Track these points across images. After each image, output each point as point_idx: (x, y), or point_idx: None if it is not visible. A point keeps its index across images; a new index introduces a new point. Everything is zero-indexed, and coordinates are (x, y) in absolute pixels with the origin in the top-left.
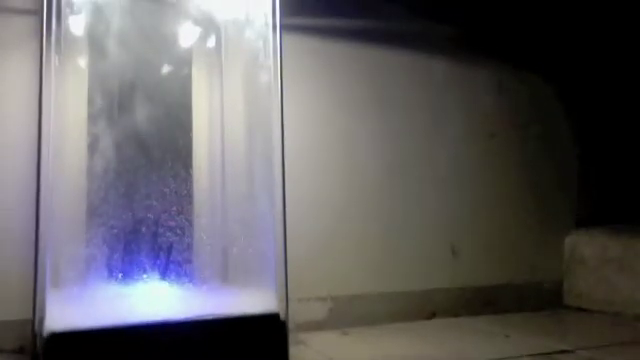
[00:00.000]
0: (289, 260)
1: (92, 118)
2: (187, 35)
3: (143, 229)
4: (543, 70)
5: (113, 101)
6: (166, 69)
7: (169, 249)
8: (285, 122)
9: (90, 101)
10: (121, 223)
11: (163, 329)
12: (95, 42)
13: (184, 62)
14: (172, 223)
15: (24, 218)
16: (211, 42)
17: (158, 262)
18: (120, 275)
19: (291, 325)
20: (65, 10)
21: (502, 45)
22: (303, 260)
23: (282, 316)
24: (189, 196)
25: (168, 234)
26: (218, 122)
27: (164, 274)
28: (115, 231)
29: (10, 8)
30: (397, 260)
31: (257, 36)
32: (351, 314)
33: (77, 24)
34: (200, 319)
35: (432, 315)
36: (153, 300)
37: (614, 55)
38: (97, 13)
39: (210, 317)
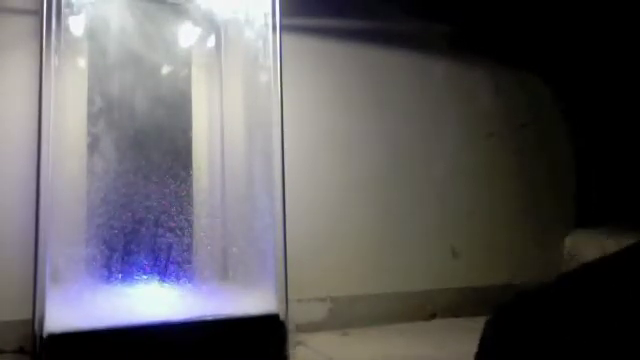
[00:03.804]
0: (288, 260)
1: (92, 118)
2: (187, 35)
3: (143, 229)
4: (540, 71)
5: (113, 101)
6: (166, 69)
7: (169, 249)
8: (284, 122)
9: (90, 101)
10: (121, 223)
11: (163, 330)
12: (95, 42)
13: (184, 62)
14: (172, 223)
15: (24, 218)
16: (211, 42)
17: (158, 262)
18: (120, 275)
19: (291, 326)
20: (65, 10)
21: (500, 47)
22: (303, 260)
23: (282, 317)
24: (189, 196)
25: (168, 234)
26: (218, 122)
27: (164, 274)
28: (115, 231)
29: (10, 8)
30: (397, 261)
31: (257, 36)
32: (351, 315)
33: (77, 24)
34: (200, 320)
35: (432, 315)
36: (153, 301)
37: (611, 56)
38: (97, 13)
39: (210, 318)
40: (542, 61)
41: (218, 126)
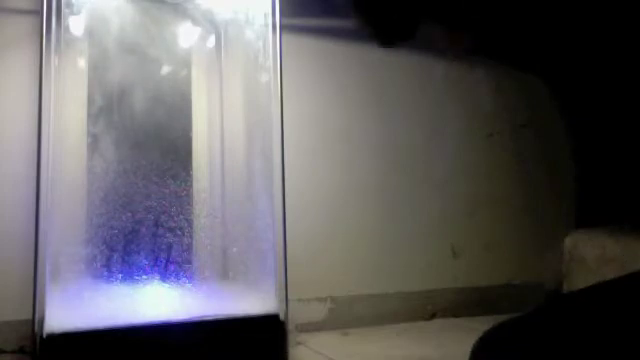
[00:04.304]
0: (289, 260)
1: (92, 118)
2: (187, 35)
3: (143, 229)
4: (540, 71)
5: (113, 101)
6: (166, 69)
7: (169, 249)
8: (284, 122)
9: (90, 101)
10: (121, 223)
11: (163, 330)
12: (95, 42)
13: (184, 62)
14: (172, 223)
15: (24, 218)
16: (211, 42)
17: (158, 262)
18: (120, 275)
19: (291, 326)
20: (65, 10)
21: (500, 46)
22: (303, 260)
23: (282, 317)
24: (189, 196)
25: (168, 234)
26: (218, 122)
27: (164, 274)
28: (115, 231)
29: (10, 8)
30: (397, 260)
31: (257, 36)
32: (351, 315)
33: (77, 24)
34: (200, 320)
35: (432, 315)
36: (153, 301)
37: (610, 55)
38: (97, 13)
39: (210, 318)
40: (542, 61)
41: (218, 126)
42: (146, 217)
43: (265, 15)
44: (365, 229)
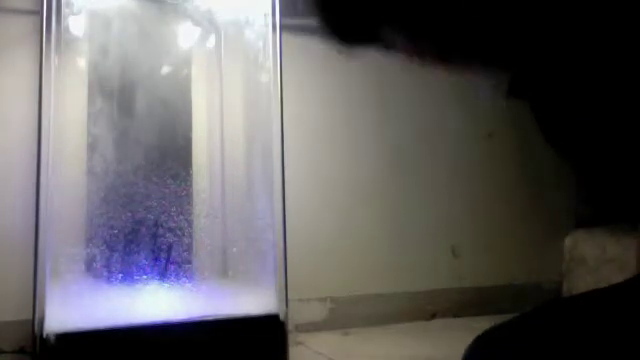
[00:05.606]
0: (289, 260)
1: (92, 118)
2: (187, 35)
3: (143, 229)
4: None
5: (113, 101)
6: (166, 69)
7: (169, 249)
8: (285, 122)
9: (90, 101)
10: (121, 223)
11: (163, 330)
12: (95, 42)
13: (184, 62)
14: (172, 223)
15: (24, 219)
16: (211, 42)
17: (158, 262)
18: (120, 275)
19: (291, 326)
20: (65, 10)
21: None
22: (303, 260)
23: (282, 317)
24: (189, 196)
25: (168, 234)
26: (218, 122)
27: (164, 274)
28: (115, 231)
29: (10, 8)
30: (397, 261)
31: (257, 36)
32: (351, 315)
33: (77, 24)
34: (200, 320)
35: (432, 316)
36: (153, 301)
37: (609, 54)
38: (97, 13)
39: (210, 318)
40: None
41: (218, 126)
42: (146, 217)
43: (265, 15)
44: (365, 229)
